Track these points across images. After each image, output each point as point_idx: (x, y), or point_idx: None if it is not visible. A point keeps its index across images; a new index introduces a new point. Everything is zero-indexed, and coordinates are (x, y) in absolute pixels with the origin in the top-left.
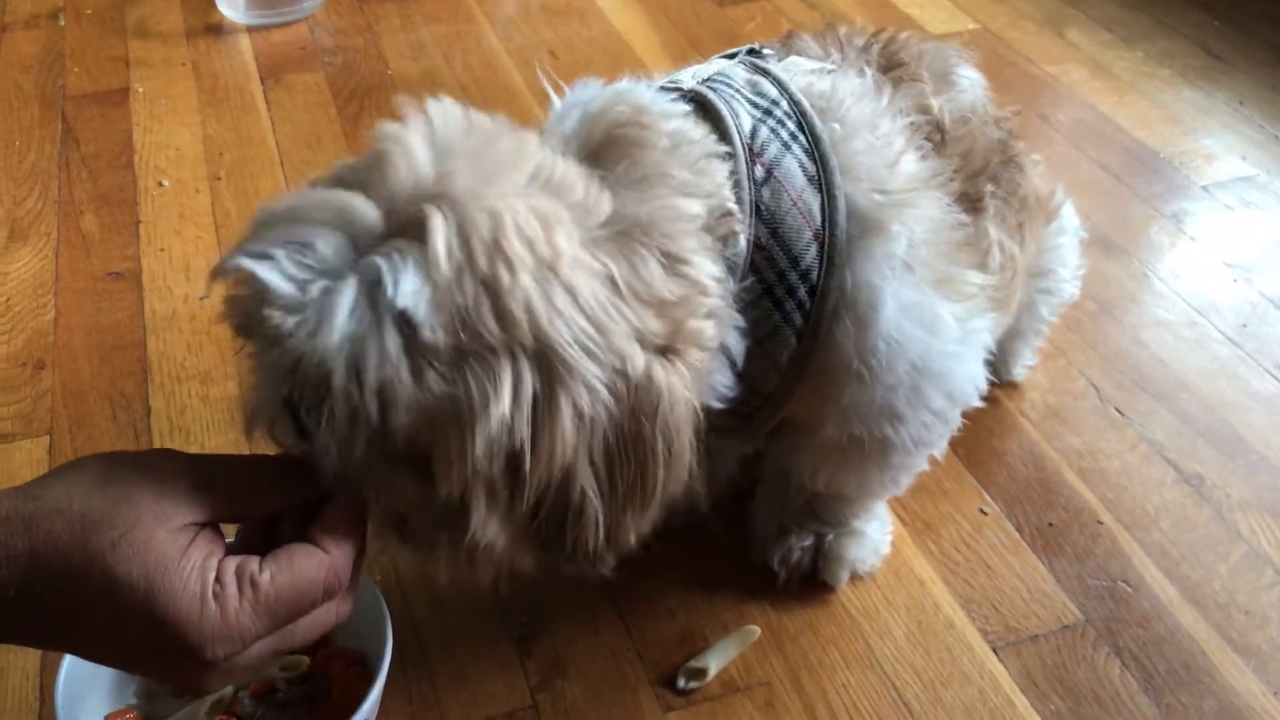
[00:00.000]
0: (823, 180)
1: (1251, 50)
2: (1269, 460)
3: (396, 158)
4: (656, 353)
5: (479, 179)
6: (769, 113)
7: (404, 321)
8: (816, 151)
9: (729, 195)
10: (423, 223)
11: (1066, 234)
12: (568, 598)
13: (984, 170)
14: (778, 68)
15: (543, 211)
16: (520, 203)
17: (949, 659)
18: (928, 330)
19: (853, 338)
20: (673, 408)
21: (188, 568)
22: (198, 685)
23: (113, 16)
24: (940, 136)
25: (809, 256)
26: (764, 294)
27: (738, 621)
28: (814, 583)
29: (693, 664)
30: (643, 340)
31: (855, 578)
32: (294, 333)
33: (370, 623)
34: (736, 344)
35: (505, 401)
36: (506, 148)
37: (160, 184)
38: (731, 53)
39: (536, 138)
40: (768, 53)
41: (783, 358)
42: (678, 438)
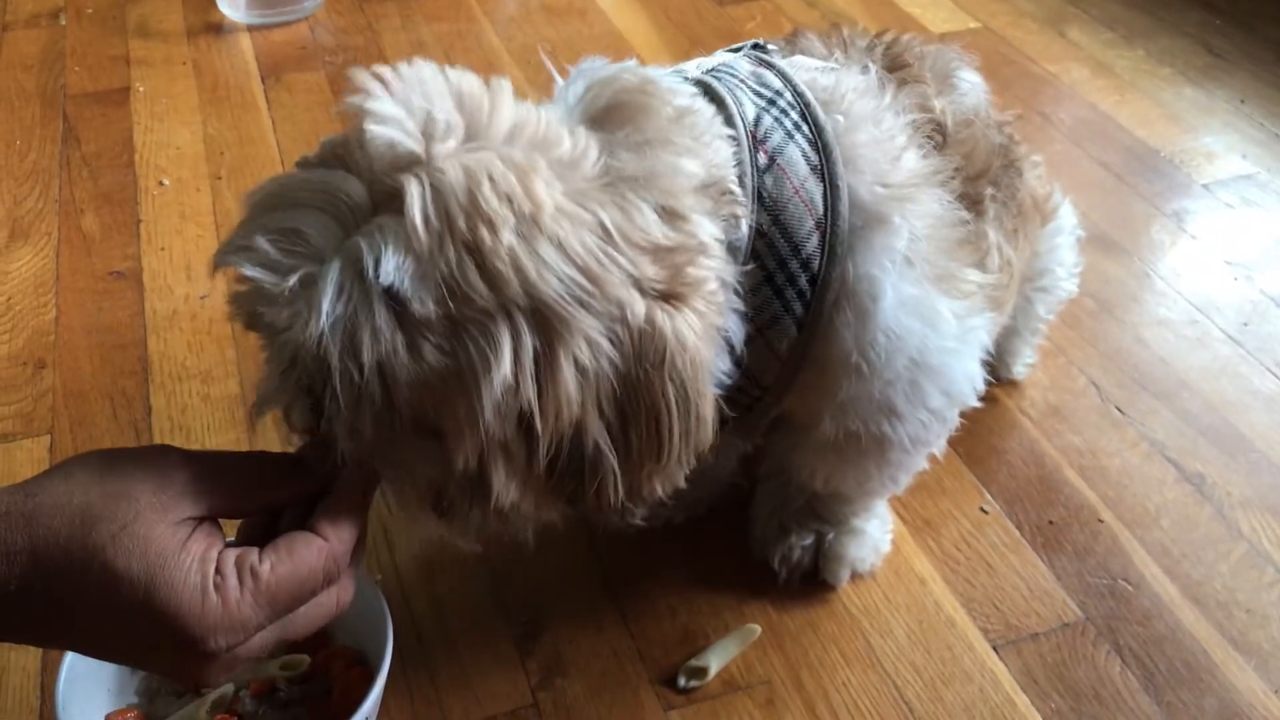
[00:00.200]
0: (825, 170)
1: (1252, 48)
2: (1270, 459)
3: (373, 128)
4: (658, 299)
5: (455, 140)
6: (773, 102)
7: (392, 298)
8: (820, 141)
9: (731, 173)
10: (400, 194)
11: (1064, 233)
12: (568, 597)
13: (985, 173)
14: (782, 61)
15: (518, 164)
16: (495, 159)
17: (949, 657)
18: (927, 325)
19: (852, 329)
20: (682, 353)
21: (188, 560)
22: (200, 677)
23: (113, 16)
24: (942, 137)
25: (810, 245)
26: (764, 281)
27: (738, 620)
28: (814, 581)
29: (693, 663)
30: (641, 286)
31: (856, 576)
32: (288, 323)
33: (371, 622)
34: (737, 328)
35: (506, 364)
36: (483, 105)
37: (161, 183)
38: (736, 47)
39: (507, 86)
40: (772, 48)
41: (782, 347)
42: (691, 384)
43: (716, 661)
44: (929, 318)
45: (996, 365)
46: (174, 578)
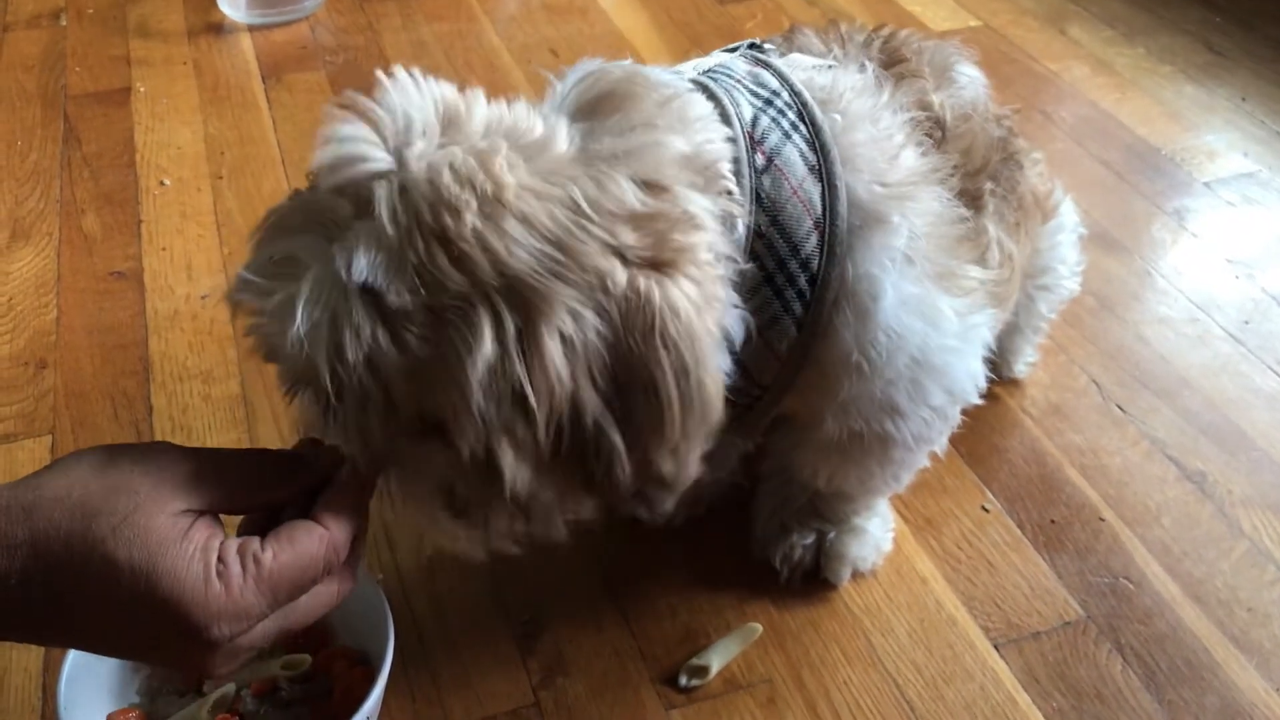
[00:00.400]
0: (823, 170)
1: (1253, 46)
2: (1271, 457)
3: (351, 149)
4: (643, 267)
5: (429, 143)
6: (770, 103)
7: (367, 294)
8: (817, 141)
9: (726, 167)
10: (370, 198)
11: (1065, 231)
12: (569, 596)
13: (984, 168)
14: (779, 61)
15: (479, 150)
16: (458, 150)
17: (951, 656)
18: (928, 323)
19: (852, 329)
20: (675, 320)
21: (190, 548)
22: (202, 667)
23: (114, 16)
24: (941, 133)
25: (809, 245)
26: (764, 282)
27: (740, 619)
28: (816, 580)
29: (695, 661)
30: (622, 255)
31: (857, 575)
32: (281, 342)
33: (372, 621)
34: (736, 326)
35: (487, 344)
36: (459, 110)
37: (162, 183)
38: (733, 47)
39: (481, 93)
40: (769, 47)
41: (782, 347)
42: (688, 351)
43: (718, 660)
44: (930, 316)
45: (998, 364)
46: (176, 565)
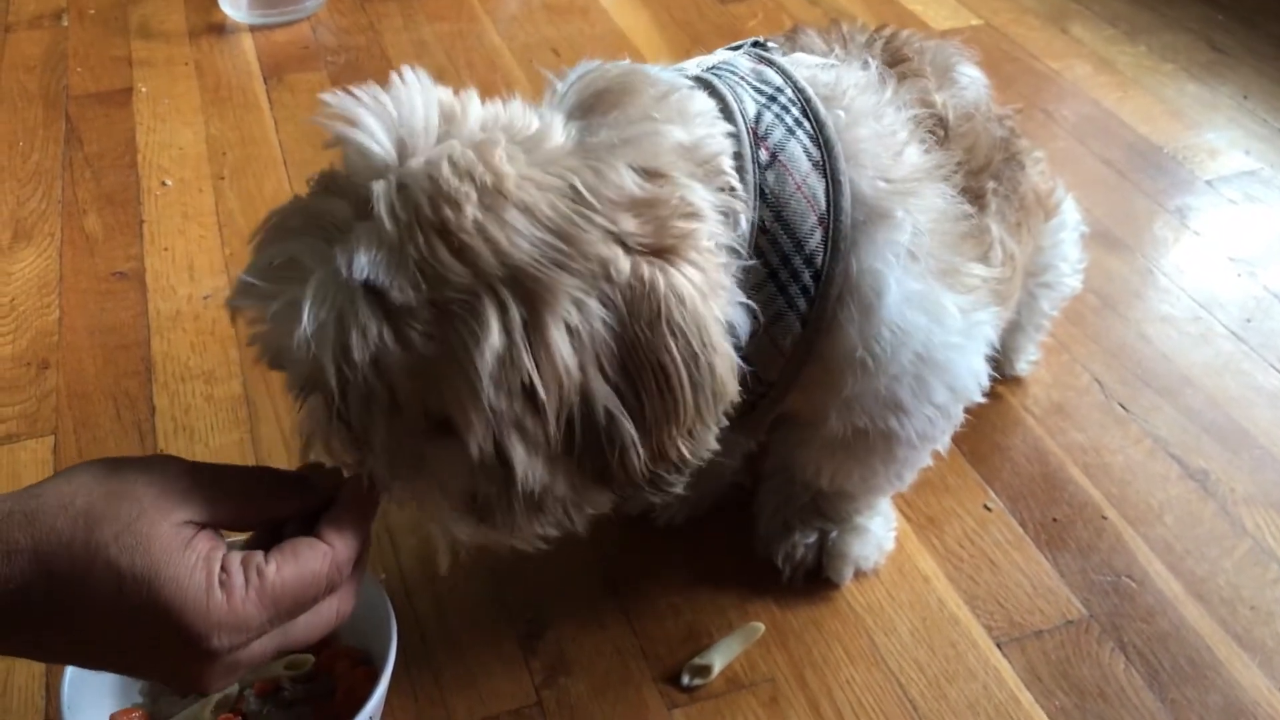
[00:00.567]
0: (827, 166)
1: (1255, 44)
2: (1273, 455)
3: (350, 149)
4: (645, 254)
5: (427, 141)
6: (773, 99)
7: (370, 292)
8: (821, 137)
9: (726, 149)
10: (369, 198)
11: (1067, 229)
12: (572, 596)
13: (987, 167)
14: (782, 59)
15: (478, 143)
16: (456, 144)
17: (953, 655)
18: (932, 319)
19: (857, 324)
20: (680, 307)
21: (193, 557)
22: (199, 680)
23: (115, 16)
24: (943, 131)
25: (813, 241)
26: (768, 278)
27: (742, 618)
28: (818, 579)
29: (697, 661)
30: (624, 242)
31: (859, 574)
32: (287, 344)
33: (375, 621)
34: (741, 319)
35: (494, 335)
36: (454, 110)
37: (163, 183)
38: (736, 45)
39: (474, 94)
40: (772, 45)
41: (786, 343)
42: (695, 336)
43: (720, 660)
44: (934, 312)
45: (1000, 362)
46: (179, 573)
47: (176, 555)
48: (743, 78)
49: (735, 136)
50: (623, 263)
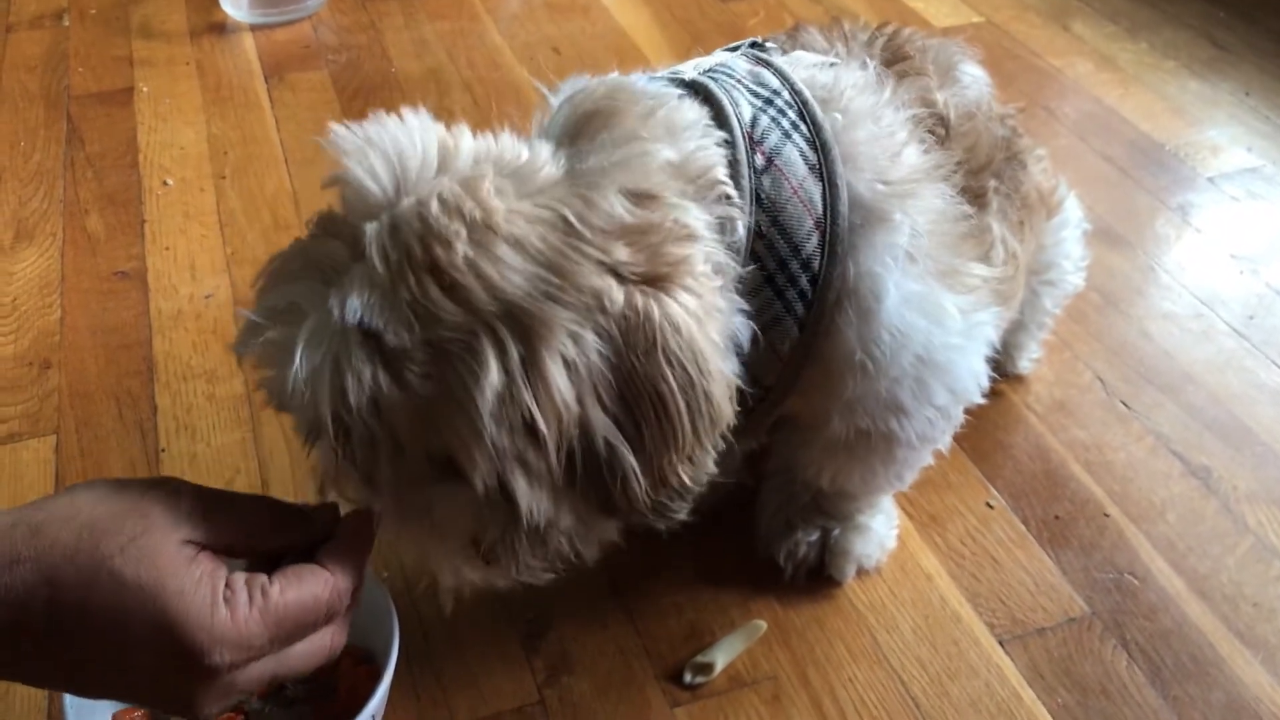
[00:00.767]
0: (824, 169)
1: (1257, 41)
2: (1276, 452)
3: (347, 190)
4: (639, 283)
5: (417, 179)
6: (770, 102)
7: (364, 336)
8: (818, 140)
9: (722, 172)
10: (362, 239)
11: (1069, 226)
12: (574, 594)
13: (988, 166)
14: (780, 60)
15: (466, 177)
16: (445, 180)
17: (956, 652)
18: (931, 321)
19: (855, 328)
20: (675, 335)
21: (198, 572)
22: (193, 701)
23: (117, 16)
24: (944, 130)
25: (810, 245)
26: (765, 282)
27: (744, 617)
28: (820, 578)
29: (699, 659)
30: (617, 272)
31: (861, 572)
32: (285, 390)
33: (377, 620)
34: (743, 329)
35: (493, 374)
36: (447, 145)
37: (165, 183)
38: (734, 46)
39: (466, 129)
40: (771, 46)
41: (784, 348)
42: (691, 365)
43: (722, 658)
44: (934, 314)
45: (1002, 360)
46: (184, 585)
47: (182, 569)
48: (739, 80)
49: (730, 143)
50: (616, 293)
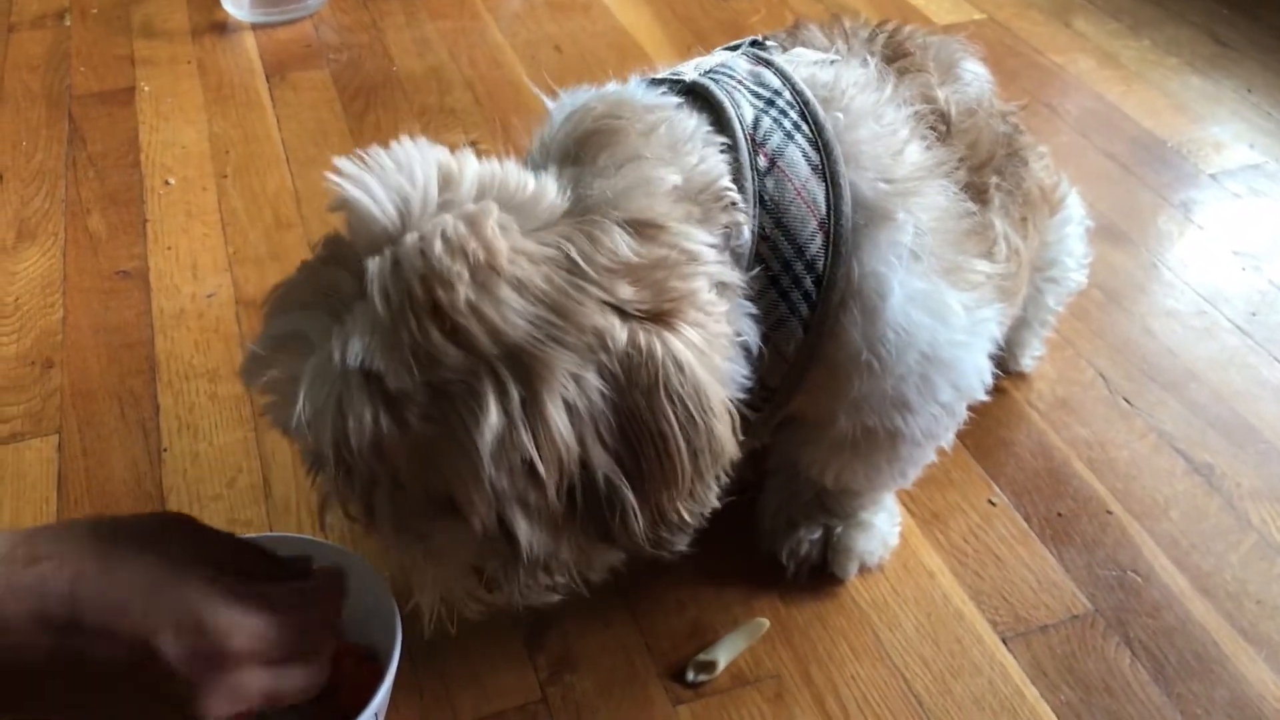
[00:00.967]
0: (827, 169)
1: (1259, 37)
2: (1279, 449)
3: (353, 218)
4: (643, 320)
5: (420, 210)
6: (771, 103)
7: (366, 378)
8: (820, 140)
9: (725, 178)
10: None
11: (1072, 223)
12: (576, 592)
13: (989, 163)
14: (781, 59)
15: (470, 214)
16: (448, 217)
17: (958, 650)
18: (936, 319)
19: (860, 328)
20: (678, 374)
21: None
22: (199, 694)
23: (118, 16)
24: (945, 127)
25: (814, 246)
26: (769, 284)
27: (747, 614)
28: (823, 575)
29: (702, 657)
30: (621, 310)
31: (864, 570)
32: (289, 425)
33: (380, 618)
34: (751, 332)
35: (493, 418)
36: (452, 173)
37: (167, 182)
38: (734, 44)
39: (471, 154)
40: (771, 44)
41: (789, 349)
42: (693, 402)
43: (725, 656)
44: (938, 311)
45: (1004, 357)
46: (207, 574)
47: (204, 569)
48: (740, 81)
49: (732, 146)
50: (619, 332)
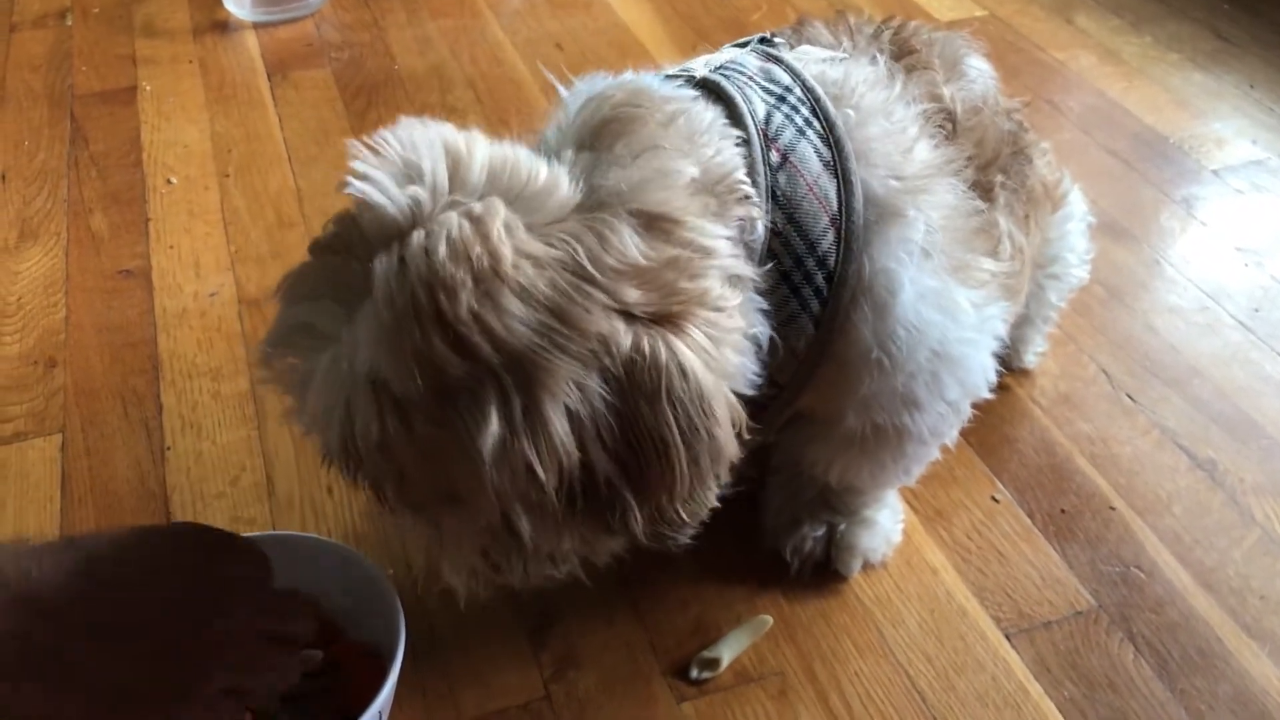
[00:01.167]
0: (838, 166)
1: (1261, 33)
2: None
3: (360, 209)
4: (649, 324)
5: (430, 201)
6: (783, 99)
7: (373, 382)
8: (831, 137)
9: (741, 172)
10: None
11: (1074, 220)
12: (581, 589)
13: (995, 161)
14: (790, 56)
15: (475, 215)
16: (454, 215)
17: (962, 647)
18: (946, 316)
19: (871, 325)
20: (681, 379)
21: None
22: (209, 662)
23: (120, 15)
24: (952, 125)
25: (826, 242)
26: (781, 280)
27: (750, 611)
28: (826, 572)
29: (706, 654)
30: (627, 313)
31: (867, 567)
32: (302, 422)
33: (383, 616)
34: (762, 328)
35: (494, 424)
36: (461, 157)
37: (169, 181)
38: (743, 41)
39: (483, 137)
40: (779, 41)
41: (800, 345)
42: (695, 408)
43: (729, 653)
44: (948, 309)
45: (1008, 354)
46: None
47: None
48: (751, 77)
49: (746, 141)
50: (624, 336)
